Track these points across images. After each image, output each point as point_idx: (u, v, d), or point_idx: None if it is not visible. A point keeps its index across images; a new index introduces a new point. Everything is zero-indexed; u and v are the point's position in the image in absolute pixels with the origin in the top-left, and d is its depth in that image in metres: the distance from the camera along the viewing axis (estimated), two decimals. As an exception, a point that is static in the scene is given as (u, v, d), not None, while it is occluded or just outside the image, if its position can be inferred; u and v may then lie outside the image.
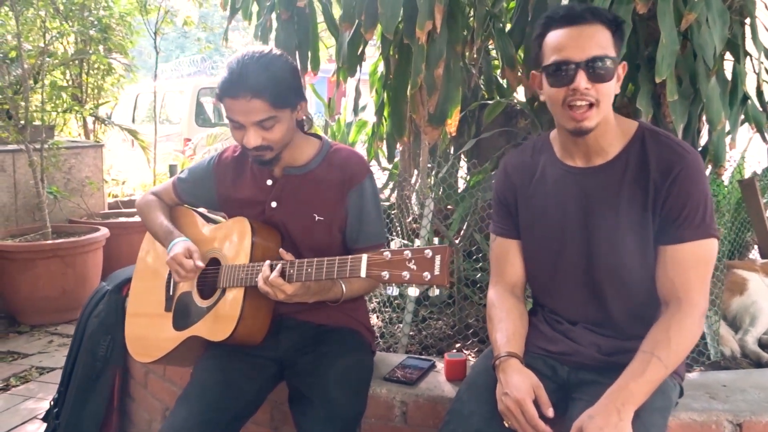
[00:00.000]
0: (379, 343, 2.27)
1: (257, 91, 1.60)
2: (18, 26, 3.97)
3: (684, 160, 1.41)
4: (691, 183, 1.40)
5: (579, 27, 1.39)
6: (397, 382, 1.83)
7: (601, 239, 1.48)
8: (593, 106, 1.39)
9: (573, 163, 1.53)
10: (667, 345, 1.36)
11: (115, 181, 5.28)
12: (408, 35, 2.21)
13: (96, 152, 5.28)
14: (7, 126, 4.07)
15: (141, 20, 5.76)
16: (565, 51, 1.39)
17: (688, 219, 1.40)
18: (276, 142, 1.69)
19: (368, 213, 1.81)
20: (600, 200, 1.48)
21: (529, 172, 1.61)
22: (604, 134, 1.46)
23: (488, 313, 1.62)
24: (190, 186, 1.98)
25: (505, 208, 1.65)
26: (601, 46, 1.38)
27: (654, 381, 1.34)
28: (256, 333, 1.73)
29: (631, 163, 1.46)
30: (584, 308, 1.55)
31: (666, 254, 1.43)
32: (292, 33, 2.87)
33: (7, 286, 4.02)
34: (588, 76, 1.37)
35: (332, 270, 1.52)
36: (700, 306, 1.41)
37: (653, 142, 1.46)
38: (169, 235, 1.86)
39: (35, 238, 4.17)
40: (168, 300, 1.90)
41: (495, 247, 1.69)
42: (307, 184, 1.80)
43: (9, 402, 3.02)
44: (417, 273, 1.39)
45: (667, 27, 2.04)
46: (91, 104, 5.85)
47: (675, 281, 1.41)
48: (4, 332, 3.99)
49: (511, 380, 1.41)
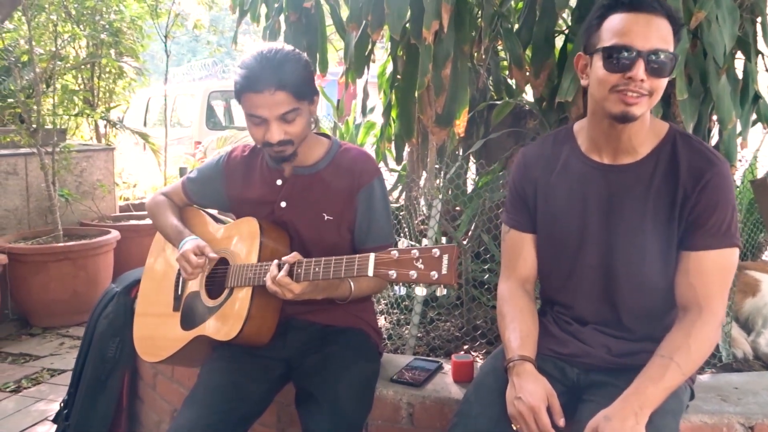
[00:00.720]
0: (386, 345, 2.26)
1: (280, 83, 1.61)
2: (29, 31, 4.00)
3: (716, 167, 1.39)
4: (721, 191, 1.39)
5: (646, 15, 1.33)
6: (404, 383, 1.82)
7: (622, 239, 1.46)
8: (645, 97, 1.35)
9: (599, 158, 1.49)
10: (687, 351, 1.35)
11: (126, 183, 5.30)
12: (415, 35, 2.21)
13: (107, 155, 5.32)
14: (19, 129, 4.10)
15: (152, 24, 5.78)
16: (628, 36, 1.32)
17: (715, 227, 1.38)
18: (297, 135, 1.70)
19: (377, 213, 1.81)
20: (625, 200, 1.45)
21: (549, 164, 1.56)
22: (638, 132, 1.43)
23: (499, 309, 1.60)
24: (199, 186, 1.99)
25: (521, 201, 1.61)
26: (664, 39, 1.34)
27: (671, 387, 1.33)
28: (263, 333, 1.73)
29: (661, 165, 1.43)
30: (597, 308, 1.53)
31: (689, 260, 1.41)
32: (300, 35, 2.88)
33: (19, 288, 4.05)
34: (646, 68, 1.32)
35: (340, 269, 1.52)
36: (719, 314, 1.40)
37: (685, 146, 1.43)
38: (179, 235, 1.87)
39: (47, 240, 4.20)
40: (176, 300, 1.91)
41: (508, 240, 1.64)
42: (316, 183, 1.81)
43: (20, 404, 3.04)
44: (424, 272, 1.38)
45: (676, 25, 2.01)
46: (102, 108, 5.89)
47: (697, 288, 1.40)
48: (16, 334, 4.02)
49: (526, 386, 1.39)
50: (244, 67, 1.67)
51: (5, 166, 4.39)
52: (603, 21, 1.39)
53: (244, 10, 3.14)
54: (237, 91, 1.68)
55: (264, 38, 3.09)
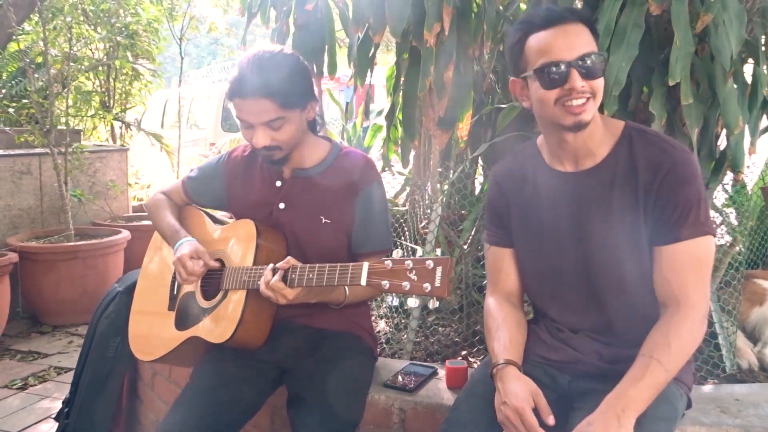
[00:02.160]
0: (384, 349, 2.25)
1: (266, 91, 1.60)
2: (44, 33, 4.05)
3: (671, 157, 1.38)
4: (681, 181, 1.37)
5: (563, 26, 1.37)
6: (397, 388, 1.81)
7: (596, 244, 1.45)
8: (590, 100, 1.37)
9: (563, 168, 1.50)
10: (666, 348, 1.32)
11: (139, 184, 5.35)
12: (416, 38, 2.19)
13: (121, 156, 5.37)
14: (33, 130, 4.14)
15: (168, 27, 5.82)
16: (553, 52, 1.36)
17: (682, 218, 1.36)
18: (285, 142, 1.69)
19: (375, 218, 1.80)
20: (592, 204, 1.45)
21: (519, 180, 1.58)
22: (592, 135, 1.44)
23: (485, 322, 1.60)
24: (199, 185, 1.99)
25: (497, 218, 1.63)
26: (587, 42, 1.37)
27: (654, 386, 1.29)
28: (256, 336, 1.72)
29: (620, 164, 1.43)
30: (585, 315, 1.51)
31: (661, 255, 1.39)
32: (308, 37, 2.87)
33: (30, 286, 4.10)
34: (580, 74, 1.35)
35: (333, 277, 1.51)
36: (699, 307, 1.36)
37: (641, 142, 1.42)
38: (175, 235, 1.86)
39: (59, 240, 4.24)
40: (172, 299, 1.90)
41: (489, 257, 1.67)
42: (315, 186, 1.80)
43: (26, 401, 3.07)
44: (417, 284, 1.37)
45: (681, 28, 1.98)
46: (118, 109, 5.95)
47: (672, 282, 1.37)
48: (26, 332, 4.07)
49: (510, 388, 1.38)
50: (237, 68, 1.67)
51: (20, 166, 4.45)
52: (524, 44, 1.42)
53: (253, 13, 3.15)
54: (227, 92, 1.68)
55: (272, 40, 3.09)
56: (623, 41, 2.02)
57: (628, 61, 2.00)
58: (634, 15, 2.03)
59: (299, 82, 1.69)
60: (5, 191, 4.37)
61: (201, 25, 6.30)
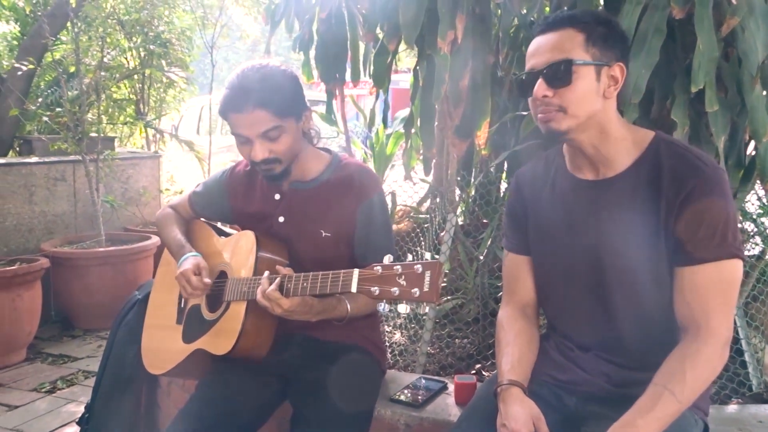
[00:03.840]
0: (398, 361, 2.21)
1: (259, 101, 1.59)
2: (76, 43, 4.15)
3: (700, 173, 1.28)
4: (708, 200, 1.27)
5: (548, 34, 1.34)
6: (403, 403, 1.77)
7: (611, 258, 1.38)
8: (559, 111, 1.32)
9: (582, 175, 1.44)
10: (681, 377, 1.24)
11: (170, 190, 5.43)
12: (430, 46, 2.16)
13: (153, 162, 5.45)
14: (66, 137, 4.24)
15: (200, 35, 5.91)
16: (530, 60, 1.35)
17: (706, 238, 1.27)
18: (283, 153, 1.67)
19: (377, 228, 1.77)
20: (610, 215, 1.38)
21: (540, 184, 1.53)
22: (604, 143, 1.36)
23: (497, 335, 1.55)
24: (204, 199, 1.99)
25: (515, 223, 1.58)
26: (562, 50, 1.31)
27: (664, 417, 1.23)
28: (258, 347, 1.71)
29: (642, 177, 1.35)
30: (596, 330, 1.45)
31: (683, 276, 1.30)
32: (330, 44, 2.87)
33: (62, 291, 4.18)
34: (548, 83, 1.31)
35: (326, 284, 1.49)
36: (721, 334, 1.28)
37: (668, 154, 1.34)
38: (180, 250, 1.87)
39: (90, 245, 4.32)
40: (179, 313, 1.91)
41: (507, 263, 1.61)
42: (314, 199, 1.78)
43: (53, 404, 3.13)
44: (406, 289, 1.34)
45: (705, 33, 1.90)
46: (152, 116, 6.06)
47: (693, 306, 1.29)
48: (58, 335, 4.16)
49: (511, 411, 1.33)
50: (227, 85, 1.66)
51: (54, 173, 4.56)
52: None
53: (276, 21, 3.16)
54: (220, 110, 1.67)
55: (294, 49, 3.10)
56: (643, 47, 1.95)
57: (649, 68, 1.94)
58: (655, 19, 1.97)
59: (291, 90, 1.67)
60: (40, 197, 4.48)
61: (233, 33, 6.38)
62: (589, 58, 1.31)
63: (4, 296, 3.51)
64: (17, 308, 3.58)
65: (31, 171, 4.42)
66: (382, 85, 2.59)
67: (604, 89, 1.33)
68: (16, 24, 5.51)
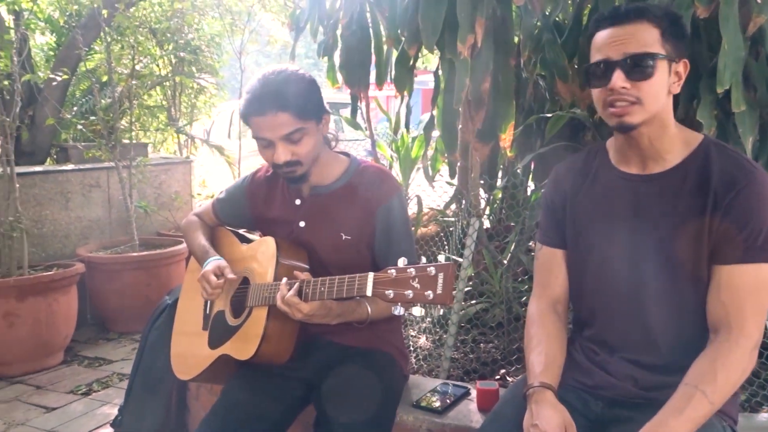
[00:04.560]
0: (422, 366, 2.22)
1: (282, 104, 1.62)
2: (109, 53, 4.24)
3: (750, 175, 1.30)
4: (757, 201, 1.28)
5: (622, 26, 1.34)
6: (425, 409, 1.78)
7: (650, 252, 1.38)
8: (635, 104, 1.33)
9: (628, 169, 1.44)
10: (713, 378, 1.24)
11: (200, 194, 5.53)
12: (449, 50, 2.16)
13: (185, 168, 5.55)
14: (100, 145, 4.34)
15: (229, 41, 6.00)
16: (604, 50, 1.35)
17: (750, 239, 1.27)
18: (305, 155, 1.69)
19: (396, 231, 1.78)
20: (653, 209, 1.38)
21: (580, 176, 1.53)
22: (660, 138, 1.38)
23: (527, 330, 1.54)
24: (227, 206, 2.03)
25: (552, 215, 1.57)
26: (642, 43, 1.32)
27: (696, 419, 1.22)
28: (280, 352, 1.73)
29: (691, 174, 1.35)
30: (628, 328, 1.43)
31: (721, 275, 1.30)
32: (354, 49, 2.89)
33: (97, 295, 4.29)
34: (626, 75, 1.32)
35: (342, 288, 1.50)
36: (753, 337, 1.27)
37: (718, 155, 1.35)
38: (205, 255, 1.91)
39: (124, 250, 4.42)
40: (205, 319, 1.95)
41: (540, 257, 1.60)
42: (334, 202, 1.80)
43: (88, 406, 3.21)
44: (420, 292, 1.34)
45: (730, 32, 1.87)
46: (184, 121, 6.16)
47: (728, 306, 1.29)
48: (94, 338, 4.26)
49: (543, 413, 1.33)
50: (248, 91, 1.69)
51: (89, 179, 4.68)
52: (592, 40, 1.41)
53: (300, 27, 3.19)
54: (242, 115, 1.70)
55: (318, 54, 3.12)
56: (667, 47, 1.92)
57: (672, 68, 1.90)
58: (679, 19, 1.93)
59: (311, 93, 1.70)
60: (76, 203, 4.60)
61: (261, 38, 6.46)
62: (664, 53, 1.33)
63: (42, 301, 3.62)
64: (54, 312, 3.68)
65: (67, 178, 4.54)
66: (404, 89, 2.59)
67: (670, 85, 1.35)
68: (51, 35, 5.66)
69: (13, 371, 3.60)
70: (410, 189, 3.40)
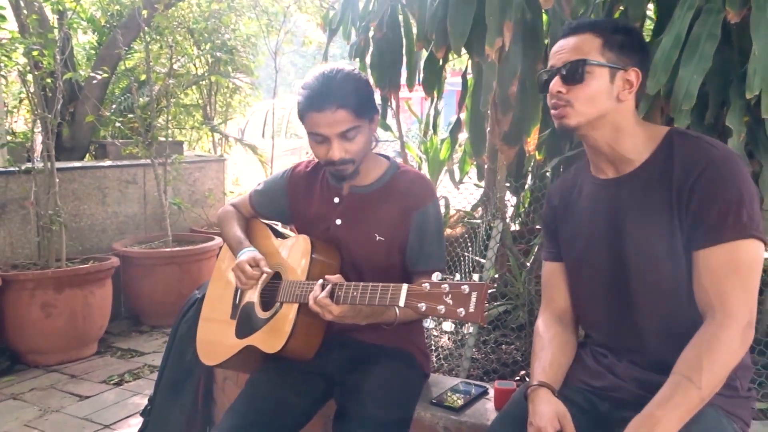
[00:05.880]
0: (443, 365, 2.24)
1: (342, 101, 1.66)
2: (147, 52, 4.36)
3: (709, 155, 1.31)
4: (720, 180, 1.28)
5: (567, 38, 1.44)
6: (443, 407, 1.80)
7: (630, 250, 1.40)
8: (567, 107, 1.40)
9: (604, 175, 1.48)
10: (698, 364, 1.22)
11: (233, 192, 5.63)
12: (477, 53, 2.18)
13: (219, 166, 5.66)
14: (136, 142, 4.46)
15: (265, 41, 6.09)
16: (551, 59, 1.45)
17: (720, 219, 1.27)
18: (357, 153, 1.74)
19: (430, 237, 1.81)
20: (629, 209, 1.41)
21: (568, 192, 1.59)
22: (618, 140, 1.42)
23: (533, 342, 1.58)
24: (265, 198, 2.07)
25: (549, 232, 1.65)
26: (578, 51, 1.39)
27: (684, 405, 1.20)
28: (307, 349, 1.77)
29: (656, 168, 1.38)
30: (619, 330, 1.46)
31: (699, 260, 1.30)
32: (385, 51, 2.92)
33: (131, 288, 4.41)
34: (562, 80, 1.40)
35: (375, 296, 1.53)
36: (738, 316, 1.24)
37: (680, 144, 1.37)
38: (239, 245, 1.96)
39: (158, 245, 4.53)
40: (234, 308, 2.00)
41: (544, 272, 1.66)
42: (371, 203, 1.83)
43: (120, 396, 3.30)
44: (452, 308, 1.37)
45: (761, 37, 1.85)
46: (219, 120, 6.28)
47: (709, 290, 1.28)
48: (128, 331, 4.38)
49: (537, 409, 1.37)
50: (306, 87, 1.73)
51: (126, 176, 4.80)
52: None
53: (333, 29, 3.24)
54: (300, 111, 1.74)
55: (350, 56, 3.16)
56: (695, 52, 1.91)
57: (701, 74, 1.89)
58: (709, 24, 1.92)
59: (367, 92, 1.75)
60: (113, 199, 4.73)
61: (297, 39, 6.55)
62: (603, 61, 1.38)
63: (78, 293, 3.74)
64: (90, 304, 3.80)
65: (104, 174, 4.67)
66: (433, 92, 2.62)
67: (618, 92, 1.39)
68: (93, 34, 5.82)
69: (49, 360, 3.73)
70: (438, 191, 3.43)
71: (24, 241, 4.11)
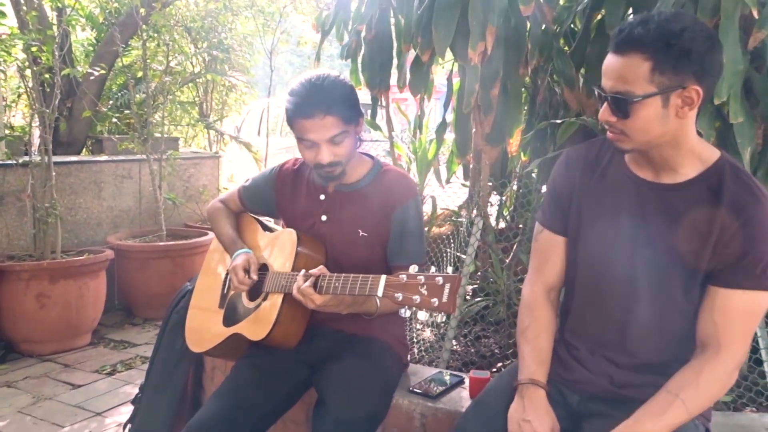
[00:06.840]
0: (423, 356, 2.32)
1: (329, 108, 1.73)
2: (144, 50, 4.43)
3: (760, 204, 1.31)
4: (762, 230, 1.29)
5: (617, 56, 1.30)
6: (420, 394, 1.88)
7: (648, 259, 1.40)
8: (622, 135, 1.35)
9: (641, 173, 1.44)
10: (695, 389, 1.31)
11: (227, 189, 5.70)
12: (461, 56, 2.26)
13: (213, 162, 5.73)
14: (132, 138, 4.53)
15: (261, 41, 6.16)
16: (603, 78, 1.35)
17: (750, 266, 1.30)
18: (344, 156, 1.81)
19: (410, 232, 1.88)
20: (659, 219, 1.39)
21: (590, 168, 1.51)
22: (674, 156, 1.37)
23: (521, 316, 1.57)
24: (253, 194, 2.15)
25: (557, 201, 1.56)
26: (623, 81, 1.29)
27: (673, 425, 1.30)
28: (290, 337, 1.85)
29: (702, 191, 1.35)
30: (611, 328, 1.47)
31: (716, 296, 1.35)
32: (376, 53, 3.00)
33: (125, 281, 4.47)
34: (611, 110, 1.33)
35: (355, 286, 1.60)
36: (738, 357, 1.34)
37: (732, 178, 1.34)
38: (233, 245, 2.04)
39: (152, 239, 4.60)
40: (222, 298, 2.08)
41: (540, 240, 1.59)
42: (355, 200, 1.91)
43: (112, 385, 3.38)
44: (426, 298, 1.44)
45: (729, 46, 1.93)
46: (214, 117, 6.35)
47: (719, 326, 1.34)
48: (120, 323, 4.45)
49: (538, 414, 1.41)
50: (294, 94, 1.78)
51: (122, 171, 4.87)
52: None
53: (326, 30, 3.31)
54: (289, 117, 1.80)
55: (342, 57, 3.23)
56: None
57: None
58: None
59: (353, 98, 1.81)
60: (108, 193, 4.80)
61: (292, 39, 6.62)
62: (654, 89, 1.27)
63: (72, 284, 3.81)
64: (83, 296, 3.87)
65: (100, 168, 4.74)
66: (417, 93, 2.70)
67: (677, 110, 1.29)
68: (91, 31, 5.89)
69: (43, 350, 3.80)
70: (426, 190, 3.50)
71: (20, 233, 4.18)
